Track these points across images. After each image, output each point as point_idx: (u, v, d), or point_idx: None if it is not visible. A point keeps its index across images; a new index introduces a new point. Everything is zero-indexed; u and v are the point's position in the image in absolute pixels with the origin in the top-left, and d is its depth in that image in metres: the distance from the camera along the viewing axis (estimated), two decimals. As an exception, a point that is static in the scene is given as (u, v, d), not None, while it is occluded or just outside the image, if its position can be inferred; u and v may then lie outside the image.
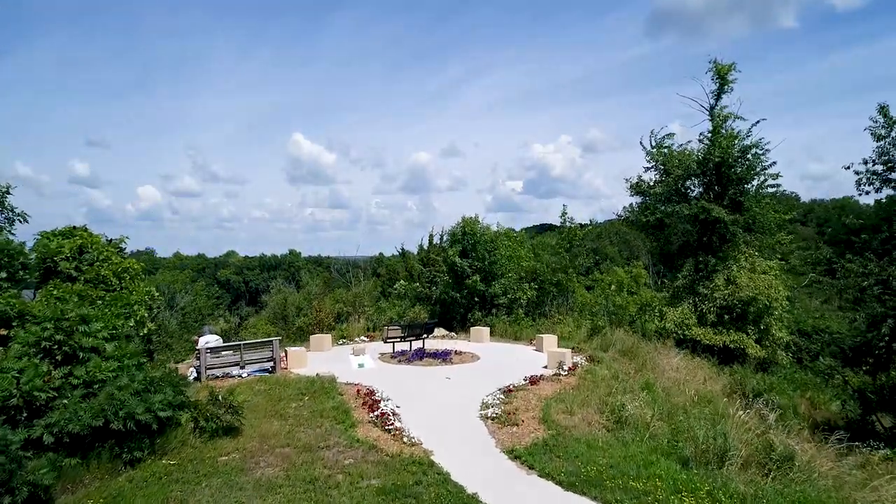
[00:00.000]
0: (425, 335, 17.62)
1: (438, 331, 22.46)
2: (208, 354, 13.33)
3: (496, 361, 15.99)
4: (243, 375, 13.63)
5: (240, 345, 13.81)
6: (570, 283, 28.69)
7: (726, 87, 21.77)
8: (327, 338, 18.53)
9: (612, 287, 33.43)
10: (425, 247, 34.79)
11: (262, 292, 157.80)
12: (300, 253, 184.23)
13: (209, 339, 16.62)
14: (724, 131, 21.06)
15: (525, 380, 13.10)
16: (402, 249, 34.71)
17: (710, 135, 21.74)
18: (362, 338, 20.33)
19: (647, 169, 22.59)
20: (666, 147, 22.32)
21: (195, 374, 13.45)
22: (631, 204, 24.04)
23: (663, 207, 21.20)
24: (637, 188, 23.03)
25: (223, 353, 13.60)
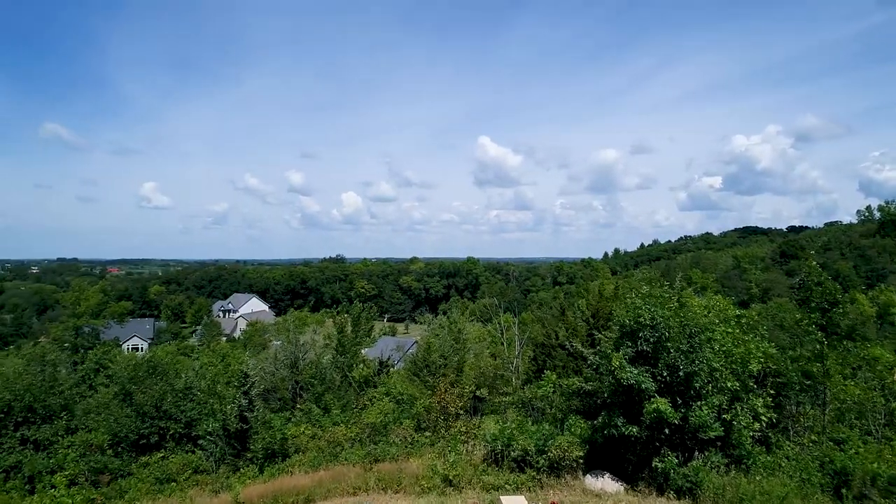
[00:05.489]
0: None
1: (600, 480, 13.78)
2: None
3: None
4: None
5: None
6: (828, 380, 17.96)
7: None
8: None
9: (897, 373, 21.32)
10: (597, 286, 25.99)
11: (441, 299, 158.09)
12: (478, 260, 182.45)
13: None
14: None
15: None
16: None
17: None
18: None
19: None
20: None
21: None
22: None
23: None
24: None
25: None
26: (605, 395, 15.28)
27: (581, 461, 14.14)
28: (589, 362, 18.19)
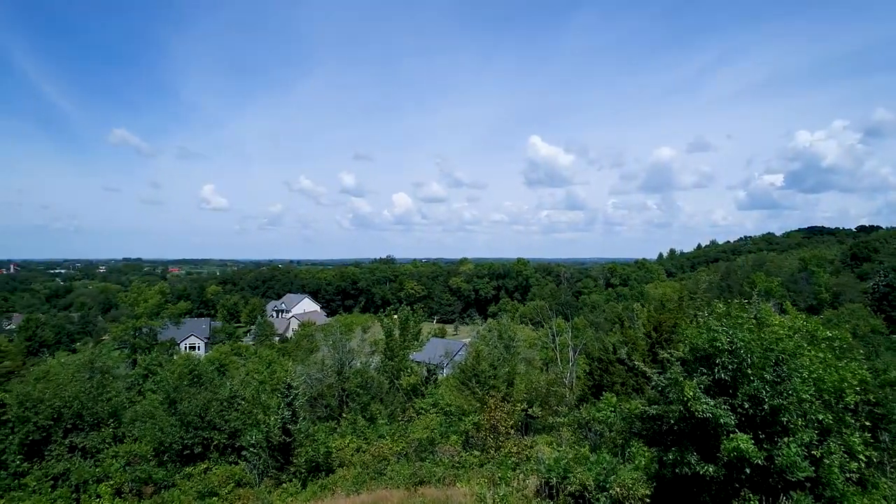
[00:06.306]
0: None
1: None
2: None
3: None
4: None
5: None
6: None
7: None
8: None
9: None
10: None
11: (491, 301, 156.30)
12: (528, 261, 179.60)
13: None
14: None
15: None
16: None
17: None
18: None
19: None
20: None
21: None
22: None
23: None
24: None
25: None
26: (672, 421, 13.71)
27: (647, 500, 12.64)
28: (653, 383, 16.60)
